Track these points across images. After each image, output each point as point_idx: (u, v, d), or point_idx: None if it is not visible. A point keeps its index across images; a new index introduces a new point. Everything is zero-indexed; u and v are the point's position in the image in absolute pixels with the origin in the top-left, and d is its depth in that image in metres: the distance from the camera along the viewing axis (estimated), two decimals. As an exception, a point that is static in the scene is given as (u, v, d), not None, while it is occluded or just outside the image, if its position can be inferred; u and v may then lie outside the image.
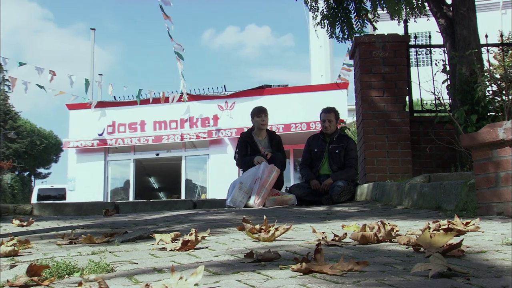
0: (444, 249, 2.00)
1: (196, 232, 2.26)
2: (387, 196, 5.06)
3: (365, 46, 6.63)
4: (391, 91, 6.52)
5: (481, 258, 1.96)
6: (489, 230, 2.78)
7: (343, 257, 1.75)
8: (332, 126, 6.19)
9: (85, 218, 4.32)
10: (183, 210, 5.10)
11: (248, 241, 2.44)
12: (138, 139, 19.55)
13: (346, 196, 5.61)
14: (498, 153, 3.38)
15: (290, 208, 5.23)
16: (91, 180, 19.65)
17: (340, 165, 6.11)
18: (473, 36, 6.25)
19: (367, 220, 3.54)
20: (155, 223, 3.68)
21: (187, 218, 4.00)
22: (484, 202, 3.45)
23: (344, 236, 2.38)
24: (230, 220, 3.82)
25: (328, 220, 3.67)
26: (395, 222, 3.37)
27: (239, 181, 5.67)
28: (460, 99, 6.05)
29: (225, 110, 19.53)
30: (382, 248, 2.19)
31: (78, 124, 20.11)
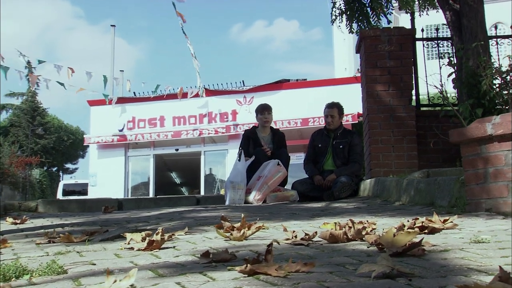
0: (404, 248, 1.99)
1: (163, 232, 2.28)
2: (387, 192, 5.03)
3: (371, 40, 6.58)
4: (396, 85, 6.46)
5: (440, 257, 1.94)
6: (468, 227, 2.75)
7: (291, 258, 1.75)
8: (335, 121, 6.16)
9: (83, 215, 4.39)
10: (183, 207, 5.14)
11: (220, 240, 2.45)
12: (158, 134, 19.72)
13: (347, 192, 5.58)
14: (486, 149, 3.34)
15: (289, 204, 5.23)
16: (112, 175, 19.90)
17: (345, 161, 6.08)
18: (480, 28, 6.15)
19: (356, 217, 3.53)
20: (146, 221, 3.72)
21: (181, 215, 4.04)
22: (473, 198, 3.41)
23: (314, 235, 2.38)
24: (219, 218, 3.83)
25: (318, 217, 3.66)
26: (382, 219, 3.37)
27: (229, 181, 5.68)
28: (466, 92, 5.96)
29: (243, 105, 19.56)
30: (347, 248, 2.18)
31: (99, 120, 20.37)
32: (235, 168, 5.82)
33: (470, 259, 1.90)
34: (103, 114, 20.32)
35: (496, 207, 3.27)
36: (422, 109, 6.74)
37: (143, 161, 21.06)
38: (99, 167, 20.29)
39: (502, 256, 1.97)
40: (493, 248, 2.13)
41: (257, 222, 3.05)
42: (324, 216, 3.70)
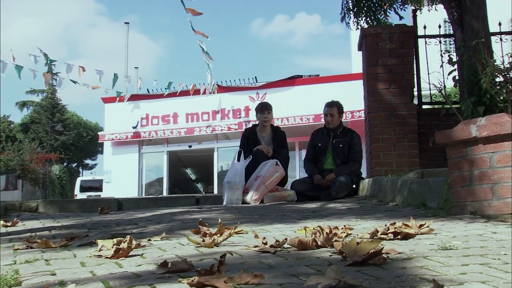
0: (364, 257, 1.98)
1: (131, 240, 2.30)
2: (383, 192, 5.01)
3: (372, 38, 6.54)
4: (397, 83, 6.42)
5: (399, 267, 1.93)
6: (446, 232, 2.73)
7: (243, 270, 1.76)
8: (335, 120, 6.14)
9: (78, 217, 4.43)
10: (179, 208, 5.17)
11: (191, 246, 2.46)
12: (171, 131, 19.83)
13: (344, 192, 5.56)
14: (472, 151, 3.32)
15: (285, 205, 5.23)
16: (126, 172, 20.08)
17: (345, 160, 6.06)
18: (482, 25, 6.07)
19: (342, 220, 3.53)
20: (136, 223, 3.76)
21: (172, 217, 4.06)
22: (459, 201, 3.39)
23: (284, 241, 2.38)
24: (211, 219, 3.85)
25: (305, 220, 3.66)
26: (367, 223, 3.36)
27: (226, 181, 5.68)
28: (467, 90, 5.90)
29: (256, 101, 19.54)
30: (313, 256, 2.17)
31: (113, 117, 20.54)
32: (233, 168, 5.83)
33: (429, 268, 1.89)
34: (117, 111, 20.49)
35: (481, 209, 3.25)
36: (424, 107, 6.68)
37: (157, 157, 21.20)
38: (114, 164, 20.48)
39: (462, 264, 1.96)
40: (458, 256, 2.11)
41: (237, 226, 3.07)
42: (312, 219, 3.70)
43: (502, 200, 3.15)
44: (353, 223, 3.30)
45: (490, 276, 1.77)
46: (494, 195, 3.18)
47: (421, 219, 3.30)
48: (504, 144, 3.18)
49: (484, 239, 2.47)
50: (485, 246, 2.31)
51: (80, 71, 17.52)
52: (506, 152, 3.17)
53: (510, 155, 3.15)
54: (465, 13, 6.15)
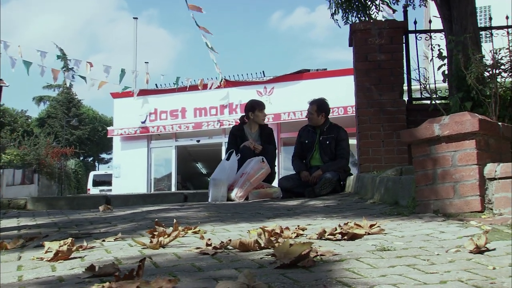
0: (292, 260, 2.01)
1: (72, 242, 2.36)
2: (364, 189, 5.02)
3: (361, 33, 6.52)
4: (387, 79, 6.40)
5: (326, 269, 1.96)
6: (398, 231, 2.75)
7: (159, 275, 1.81)
8: (313, 118, 6.15)
9: (58, 215, 4.50)
10: (163, 205, 5.23)
11: (138, 248, 2.50)
12: (179, 126, 19.93)
13: (327, 189, 5.57)
14: (435, 150, 3.33)
15: (267, 202, 5.26)
16: (135, 167, 20.23)
17: (332, 156, 6.07)
18: (471, 20, 6.04)
19: (308, 219, 3.56)
20: (109, 222, 3.81)
21: (147, 215, 4.11)
22: (423, 199, 3.40)
23: (228, 242, 2.42)
24: (183, 218, 3.90)
25: (275, 218, 3.69)
26: (332, 221, 3.37)
27: (212, 178, 5.73)
28: (455, 85, 5.88)
29: (264, 96, 19.56)
30: (248, 258, 2.21)
31: (122, 112, 20.70)
32: (220, 166, 5.88)
33: (353, 271, 1.92)
34: (126, 106, 20.64)
35: (443, 208, 3.26)
36: (414, 103, 6.65)
37: (166, 152, 21.33)
38: (123, 159, 20.66)
39: (389, 266, 1.99)
40: (391, 257, 2.14)
41: (197, 226, 3.12)
42: (282, 217, 3.72)
43: (463, 199, 3.16)
44: (316, 222, 3.33)
45: (406, 278, 1.80)
46: (455, 194, 3.20)
47: (381, 218, 3.33)
48: (465, 142, 3.19)
49: (428, 239, 2.49)
50: (424, 246, 2.33)
51: (87, 66, 17.69)
52: (467, 151, 3.18)
53: (471, 153, 3.16)
54: (453, 8, 6.12)
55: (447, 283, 1.73)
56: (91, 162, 60.77)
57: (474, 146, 3.15)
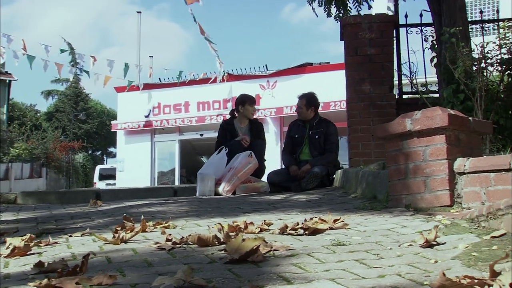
0: (241, 255, 2.05)
1: (31, 238, 2.40)
2: (349, 183, 5.05)
3: (351, 28, 6.53)
4: (377, 73, 6.41)
5: (273, 264, 2.00)
6: (363, 226, 2.79)
7: (106, 271, 1.85)
8: (302, 112, 6.16)
9: (43, 210, 4.57)
10: (149, 199, 5.28)
11: (100, 243, 2.54)
12: (182, 120, 20.00)
13: (314, 183, 5.59)
14: (407, 145, 3.35)
15: (253, 196, 5.30)
16: (139, 160, 20.34)
17: (321, 151, 6.09)
18: (460, 14, 6.03)
19: (283, 214, 3.59)
20: (89, 217, 3.87)
21: (128, 210, 4.16)
22: (395, 194, 3.43)
23: (187, 238, 2.46)
24: (164, 212, 3.95)
25: (252, 213, 3.72)
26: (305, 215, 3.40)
27: (199, 173, 5.77)
28: (445, 79, 5.88)
29: (267, 90, 19.59)
30: (203, 253, 2.22)
31: (125, 106, 20.80)
32: (209, 161, 5.92)
33: (300, 266, 1.95)
34: (129, 100, 20.73)
35: (415, 202, 3.29)
36: (405, 97, 6.66)
37: (169, 146, 21.42)
38: (127, 153, 20.78)
39: (338, 261, 2.02)
40: (343, 252, 2.17)
41: (169, 221, 3.17)
42: (260, 212, 3.76)
43: (433, 193, 3.18)
44: (289, 217, 3.37)
45: (348, 273, 1.84)
46: (426, 188, 3.22)
47: (353, 213, 3.37)
48: (436, 137, 3.21)
49: (388, 233, 2.52)
50: (381, 241, 2.36)
51: (91, 61, 17.77)
52: (437, 146, 3.20)
53: (441, 148, 3.18)
54: (443, 2, 6.11)
55: (385, 277, 1.76)
56: (99, 156, 61.08)
57: (444, 141, 3.17)
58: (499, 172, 2.87)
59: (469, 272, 1.76)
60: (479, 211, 2.49)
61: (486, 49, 5.59)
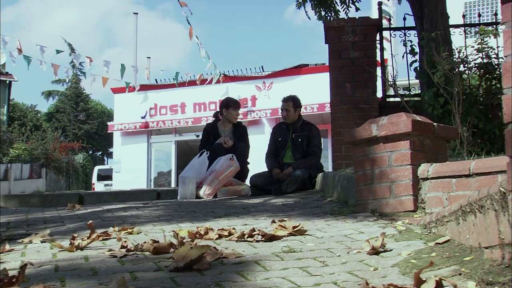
0: (186, 263, 2.07)
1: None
2: (327, 186, 5.07)
3: (335, 31, 6.55)
4: (360, 76, 6.43)
5: (217, 272, 2.02)
6: (322, 232, 2.81)
7: (44, 281, 1.87)
8: (290, 115, 6.18)
9: (19, 213, 4.60)
10: (128, 203, 5.31)
11: (55, 251, 2.54)
12: (178, 121, 20.03)
13: (294, 186, 5.60)
14: (374, 150, 3.38)
15: (231, 200, 5.32)
16: (135, 161, 20.37)
17: (304, 154, 6.12)
18: (441, 18, 6.05)
19: (253, 218, 3.62)
20: (63, 221, 3.90)
21: (103, 214, 4.20)
22: (362, 199, 3.45)
23: (143, 245, 2.48)
24: (137, 217, 3.98)
25: (223, 217, 3.75)
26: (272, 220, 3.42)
27: (180, 176, 5.80)
28: (425, 82, 5.91)
29: (262, 91, 19.62)
30: (151, 261, 2.24)
31: (122, 107, 20.84)
32: (190, 164, 5.95)
33: (242, 274, 1.98)
34: (126, 101, 20.77)
35: (380, 208, 3.31)
36: (388, 100, 6.68)
37: (166, 147, 21.46)
38: (123, 154, 20.82)
39: (282, 269, 2.04)
40: (291, 259, 2.20)
41: (135, 227, 3.19)
42: (230, 216, 3.78)
43: (398, 198, 3.21)
44: (254, 222, 3.39)
45: (286, 281, 1.87)
46: (391, 194, 3.25)
47: (319, 218, 3.39)
48: (401, 143, 3.24)
49: (343, 240, 2.55)
50: (333, 248, 2.39)
51: (87, 61, 17.81)
52: (402, 151, 3.22)
53: (405, 154, 3.20)
54: (425, 6, 6.13)
55: (320, 286, 1.79)
56: (100, 156, 61.18)
57: (409, 147, 3.19)
58: (460, 178, 2.90)
59: (402, 279, 1.78)
60: (431, 217, 2.51)
61: (466, 53, 5.61)
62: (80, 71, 17.29)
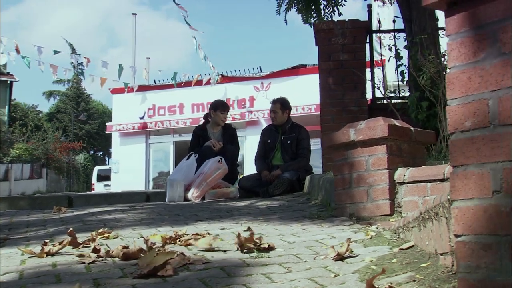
0: (149, 270, 2.08)
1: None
2: (313, 189, 5.09)
3: (324, 33, 6.56)
4: (349, 79, 6.44)
5: (180, 279, 2.03)
6: (296, 237, 2.82)
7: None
8: (278, 117, 6.20)
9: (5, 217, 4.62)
10: (114, 206, 5.32)
11: (24, 257, 2.55)
12: (177, 121, 20.08)
13: (281, 189, 5.61)
14: (352, 154, 3.39)
15: (221, 202, 5.33)
16: (133, 162, 20.42)
17: (293, 156, 6.13)
18: (430, 21, 6.06)
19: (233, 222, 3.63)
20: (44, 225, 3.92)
21: (88, 217, 4.22)
22: (340, 203, 3.47)
23: (112, 251, 2.49)
24: (119, 220, 3.99)
25: (205, 221, 3.76)
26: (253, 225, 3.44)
27: (168, 179, 5.83)
28: (413, 85, 5.92)
29: (261, 91, 19.64)
30: (116, 268, 2.23)
31: (120, 108, 20.88)
32: (178, 166, 5.97)
33: (204, 281, 2.00)
34: (125, 102, 20.82)
35: (358, 211, 3.33)
36: (378, 102, 6.69)
37: (164, 148, 21.50)
38: (122, 154, 20.87)
39: (246, 275, 2.06)
40: (257, 265, 2.21)
41: (112, 231, 3.21)
42: (212, 220, 3.78)
43: (375, 202, 3.22)
44: (236, 226, 3.40)
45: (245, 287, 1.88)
46: (368, 198, 3.26)
47: (297, 222, 3.41)
48: (378, 147, 3.25)
49: (313, 245, 2.56)
50: (301, 253, 2.40)
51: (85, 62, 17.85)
52: (379, 156, 3.24)
53: (382, 158, 3.22)
54: (413, 9, 6.14)
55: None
56: (101, 157, 61.23)
57: (385, 151, 3.20)
58: (435, 182, 2.91)
59: (359, 286, 1.80)
60: (399, 222, 2.53)
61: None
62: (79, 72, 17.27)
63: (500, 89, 1.36)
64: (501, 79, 1.36)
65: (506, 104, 1.35)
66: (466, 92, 1.44)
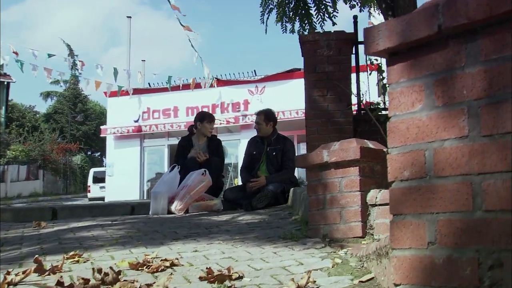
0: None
1: None
2: (295, 204, 5.09)
3: (310, 45, 6.55)
4: (334, 90, 6.43)
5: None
6: (264, 263, 2.81)
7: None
8: (262, 128, 6.21)
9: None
10: (97, 219, 5.32)
11: None
12: (171, 125, 20.08)
13: (264, 202, 5.60)
14: (325, 175, 3.39)
15: (202, 216, 5.34)
16: (128, 165, 20.41)
17: (278, 167, 6.14)
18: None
19: (207, 242, 3.64)
20: (19, 243, 3.92)
21: (65, 235, 4.22)
22: (314, 224, 3.47)
23: (74, 283, 2.48)
24: (96, 238, 4.00)
25: (177, 241, 3.76)
26: (224, 247, 3.44)
27: (152, 191, 5.83)
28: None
29: (255, 95, 19.65)
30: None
31: (115, 111, 20.88)
32: (161, 179, 5.98)
33: None
34: (119, 105, 20.82)
35: (331, 233, 3.33)
36: (363, 113, 6.68)
37: (159, 151, 21.51)
38: (116, 157, 20.87)
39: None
40: None
41: (82, 254, 3.20)
42: (187, 239, 3.78)
43: (348, 224, 3.23)
44: (209, 248, 3.40)
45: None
46: (341, 219, 3.27)
47: (270, 244, 3.40)
48: (351, 169, 3.26)
49: (279, 273, 2.56)
50: (264, 284, 2.40)
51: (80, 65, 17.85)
52: (351, 177, 3.25)
53: (355, 180, 3.22)
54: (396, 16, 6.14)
55: (230, 331, 1.81)
56: (98, 157, 61.19)
57: (358, 173, 3.21)
58: (405, 206, 2.91)
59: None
60: (363, 251, 2.53)
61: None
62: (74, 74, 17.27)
63: (435, 141, 1.37)
64: (436, 131, 1.37)
65: (441, 156, 1.36)
66: (404, 141, 1.45)
